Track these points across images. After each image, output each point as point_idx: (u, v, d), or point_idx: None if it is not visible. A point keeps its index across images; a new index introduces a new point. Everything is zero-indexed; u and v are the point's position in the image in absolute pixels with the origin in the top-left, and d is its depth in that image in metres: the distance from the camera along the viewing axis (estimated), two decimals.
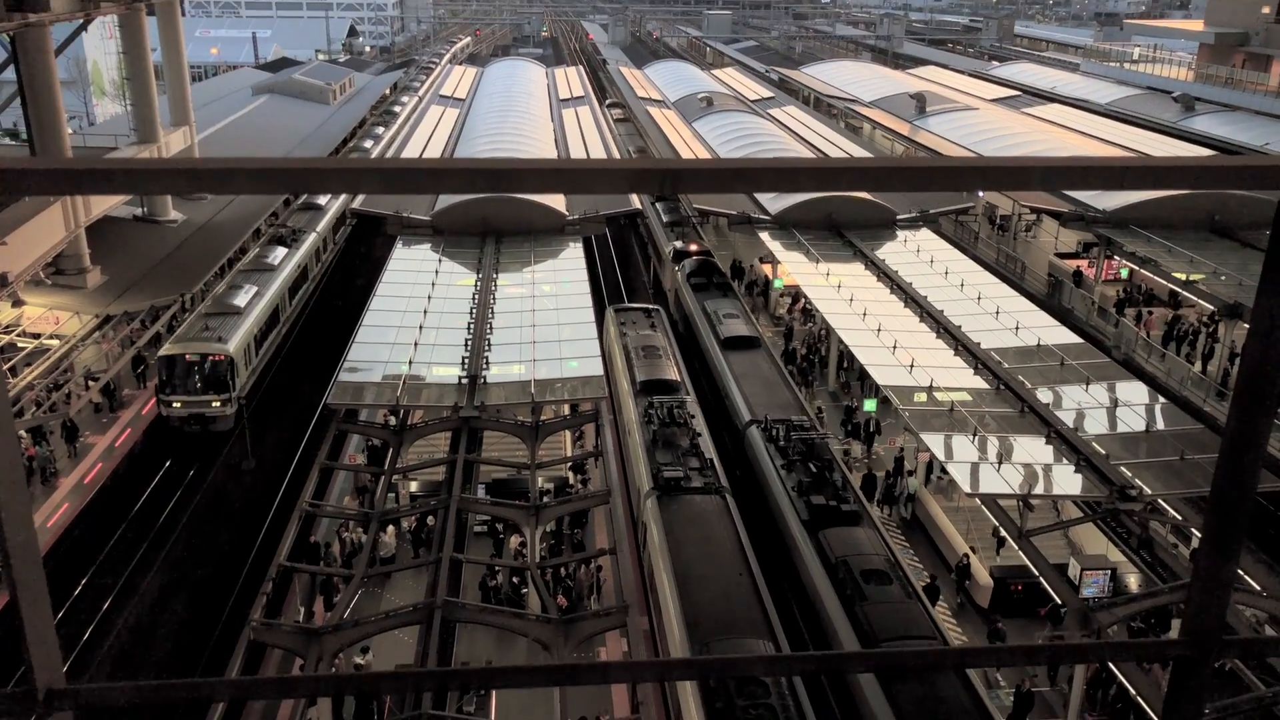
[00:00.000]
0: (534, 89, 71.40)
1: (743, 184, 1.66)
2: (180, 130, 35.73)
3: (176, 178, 1.53)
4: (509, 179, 1.66)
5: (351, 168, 1.60)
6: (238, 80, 68.64)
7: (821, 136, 54.56)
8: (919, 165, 1.66)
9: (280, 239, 38.88)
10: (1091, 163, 1.65)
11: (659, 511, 20.36)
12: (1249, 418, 2.18)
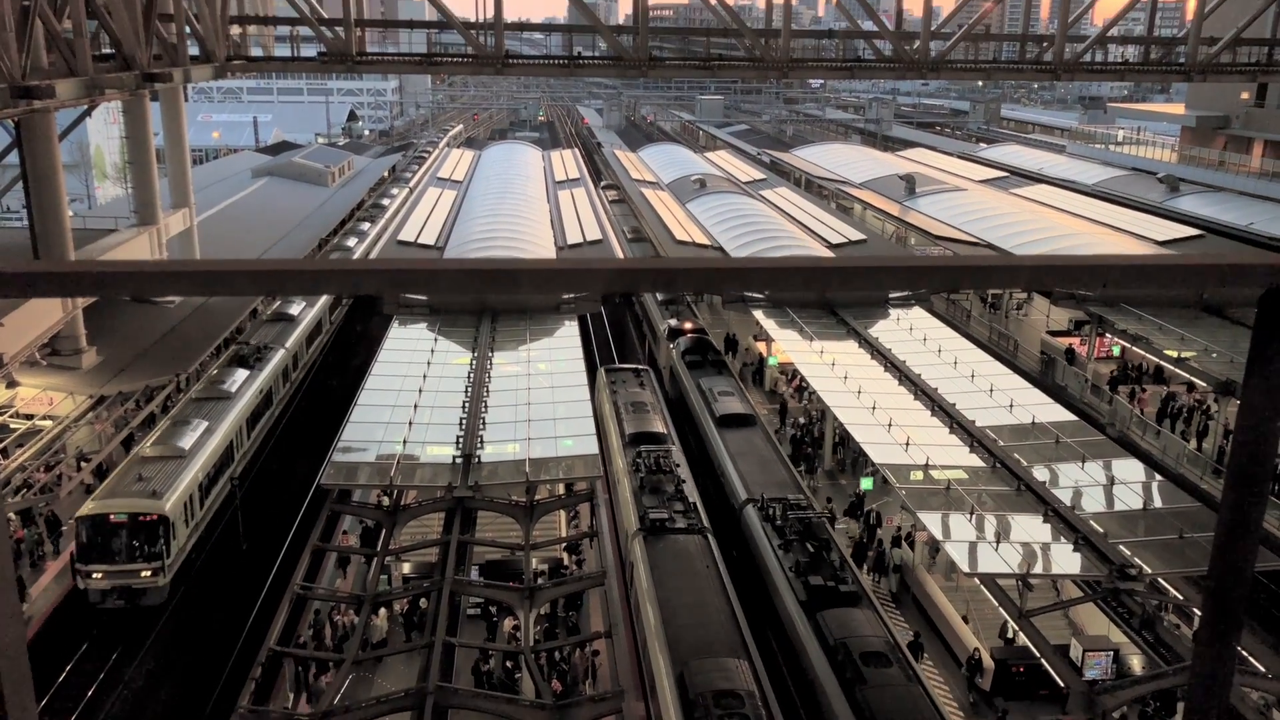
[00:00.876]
0: (530, 171, 72.54)
1: (735, 283, 1.70)
2: (180, 212, 36.16)
3: (179, 280, 1.56)
4: (506, 280, 1.69)
5: (351, 269, 1.63)
6: (238, 163, 69.72)
7: (813, 217, 55.29)
8: (908, 264, 1.70)
9: (242, 358, 34.37)
10: (1078, 261, 1.69)
11: (645, 550, 21.96)
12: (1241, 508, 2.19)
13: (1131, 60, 43.31)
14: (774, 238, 47.57)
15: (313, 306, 41.03)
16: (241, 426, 31.05)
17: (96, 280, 1.53)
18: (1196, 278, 1.68)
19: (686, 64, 40.49)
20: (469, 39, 35.23)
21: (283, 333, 38.02)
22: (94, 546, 24.10)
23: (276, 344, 36.56)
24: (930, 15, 36.66)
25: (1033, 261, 1.76)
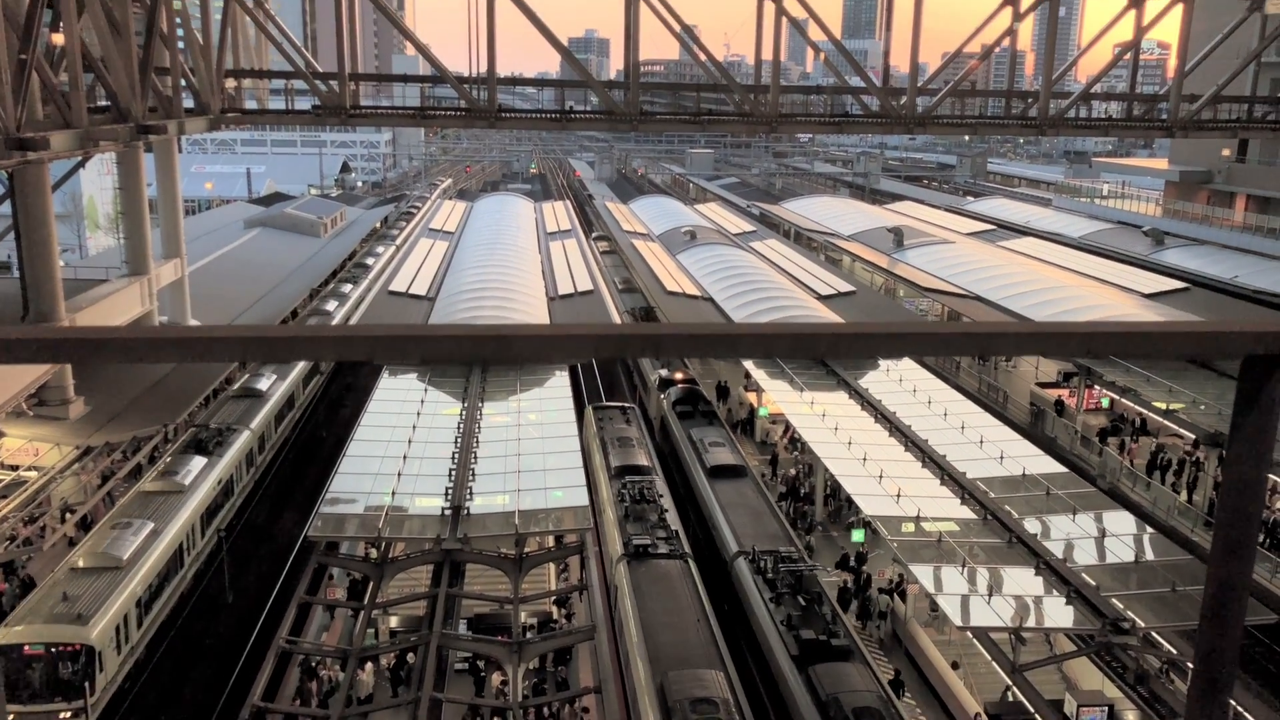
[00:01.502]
0: (522, 222, 73.02)
1: (723, 349, 1.71)
2: (171, 263, 36.22)
3: (165, 347, 1.57)
4: (497, 346, 1.71)
5: (339, 335, 1.64)
6: (230, 214, 70.03)
7: (803, 269, 55.69)
8: (894, 331, 1.72)
9: (199, 444, 30.62)
10: (1063, 329, 1.72)
11: (629, 573, 23.27)
12: (1227, 570, 2.20)
13: (1115, 116, 44.06)
14: (764, 289, 47.85)
15: (284, 379, 37.84)
16: (195, 525, 27.50)
17: (79, 347, 1.54)
18: (1180, 344, 1.71)
19: (677, 118, 41.02)
20: (462, 93, 35.67)
21: (249, 411, 34.51)
22: (6, 682, 20.54)
23: (241, 425, 33.16)
24: (916, 71, 37.29)
25: (1017, 329, 1.78)
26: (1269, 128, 41.90)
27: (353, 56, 35.62)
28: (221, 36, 34.22)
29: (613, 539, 25.54)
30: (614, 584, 23.77)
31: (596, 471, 30.04)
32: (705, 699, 18.13)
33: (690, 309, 45.66)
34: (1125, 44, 39.25)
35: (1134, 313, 40.68)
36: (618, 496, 27.14)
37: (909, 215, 76.08)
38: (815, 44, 39.70)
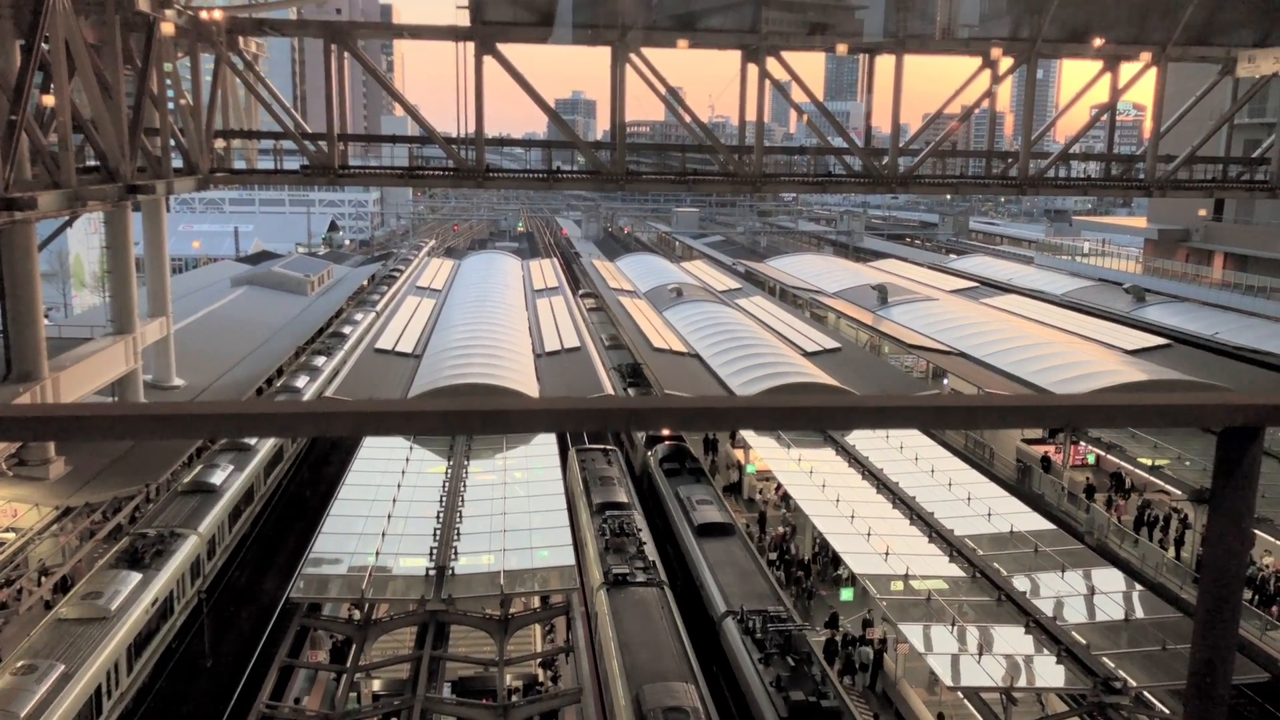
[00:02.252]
0: (509, 280, 73.31)
1: (704, 423, 1.72)
2: (157, 321, 36.14)
3: (147, 424, 1.56)
4: (478, 421, 1.71)
5: (323, 411, 1.64)
6: (217, 272, 70.11)
7: (788, 325, 55.98)
8: (878, 404, 1.73)
9: (134, 556, 26.24)
10: (1044, 402, 1.73)
11: (608, 600, 24.67)
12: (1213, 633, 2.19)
13: (1094, 176, 44.81)
14: (750, 346, 48.02)
15: (242, 470, 34.04)
16: (120, 660, 23.14)
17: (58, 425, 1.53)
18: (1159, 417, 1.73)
19: (663, 178, 41.45)
20: (450, 153, 36.04)
21: (199, 510, 30.41)
22: None
23: (188, 528, 29.02)
24: (898, 132, 37.92)
25: (999, 402, 1.79)
26: (1243, 187, 42.66)
27: (341, 117, 35.98)
28: (212, 98, 34.58)
29: (593, 569, 26.90)
30: (594, 610, 25.16)
31: (579, 509, 31.25)
32: (676, 708, 19.58)
33: (677, 365, 45.75)
34: (1101, 106, 40.07)
35: (1117, 369, 40.96)
36: (599, 530, 28.64)
37: (893, 273, 76.79)
38: (798, 106, 40.38)
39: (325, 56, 34.54)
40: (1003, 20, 37.56)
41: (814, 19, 36.86)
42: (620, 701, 20.80)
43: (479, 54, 33.54)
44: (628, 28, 34.01)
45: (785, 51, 35.53)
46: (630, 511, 30.27)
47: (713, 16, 36.34)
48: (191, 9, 34.13)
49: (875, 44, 36.24)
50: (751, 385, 40.50)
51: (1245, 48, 37.29)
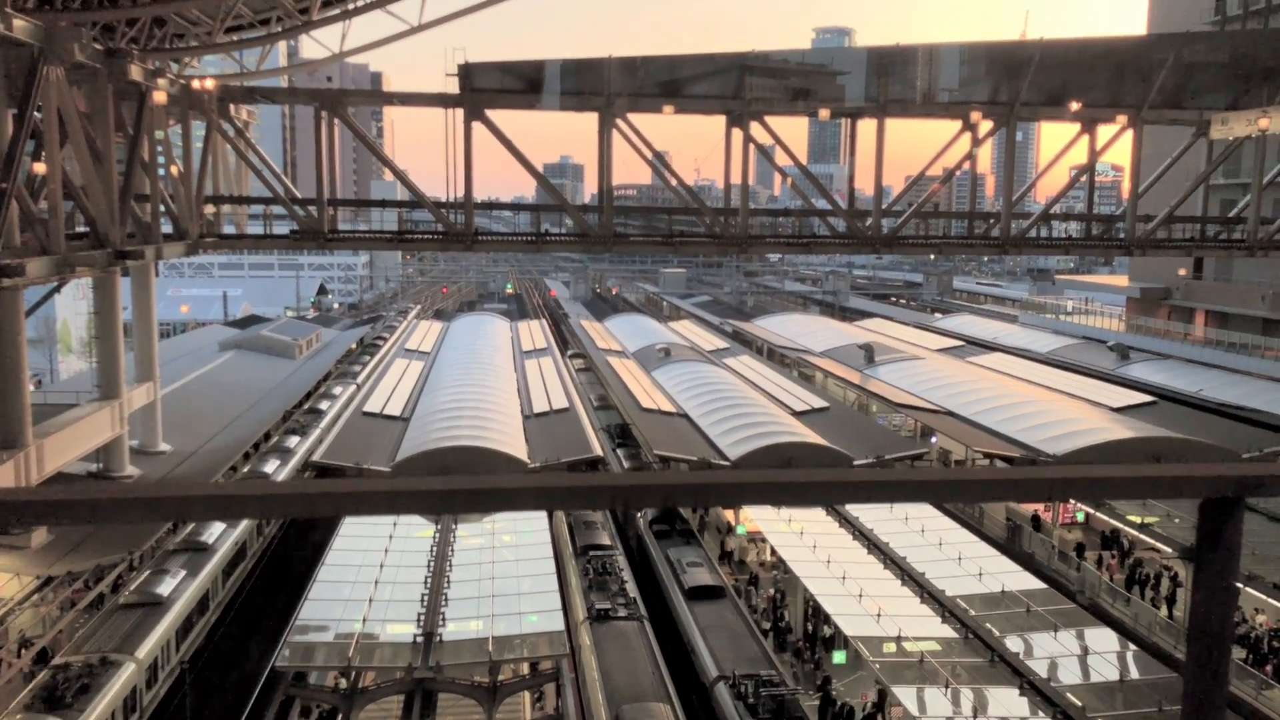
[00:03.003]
0: (498, 341, 73.43)
1: (689, 499, 1.73)
2: (144, 386, 35.97)
3: (135, 507, 1.56)
4: (462, 500, 1.71)
5: (307, 492, 1.65)
6: (205, 336, 70.00)
7: (776, 385, 56.09)
8: (859, 479, 1.74)
9: (52, 696, 21.79)
10: (1028, 475, 1.76)
11: (591, 631, 25.94)
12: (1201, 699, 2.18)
13: (1075, 236, 45.41)
14: (738, 405, 48.05)
15: (196, 575, 29.64)
16: None
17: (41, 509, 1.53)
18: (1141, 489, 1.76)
19: (650, 240, 41.79)
20: (440, 217, 36.32)
21: (139, 629, 25.82)
22: None
23: (123, 653, 24.41)
24: (881, 194, 38.44)
25: (982, 475, 1.81)
26: (1221, 246, 43.29)
27: (331, 182, 36.30)
28: (202, 164, 34.85)
29: (577, 606, 28.01)
30: (578, 643, 25.96)
31: (565, 554, 32.16)
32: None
33: (666, 426, 45.69)
34: (1080, 167, 40.78)
35: (1105, 426, 41.11)
36: (583, 570, 29.93)
37: (879, 332, 77.26)
38: (782, 169, 40.94)
39: (316, 123, 34.94)
40: (982, 85, 38.33)
41: (796, 85, 37.55)
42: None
43: (468, 120, 34.01)
44: (614, 94, 34.57)
45: (769, 116, 36.11)
46: (613, 553, 31.56)
47: (698, 83, 36.99)
48: (184, 78, 34.59)
49: (857, 108, 36.89)
50: (741, 445, 40.44)
51: (1218, 110, 38.12)
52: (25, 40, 24.15)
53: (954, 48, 39.24)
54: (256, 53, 42.18)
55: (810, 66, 41.23)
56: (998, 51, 38.92)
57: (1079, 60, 38.53)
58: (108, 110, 28.76)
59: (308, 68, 59.08)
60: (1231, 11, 61.37)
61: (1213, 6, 62.61)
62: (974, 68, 38.68)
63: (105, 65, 28.17)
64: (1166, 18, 65.72)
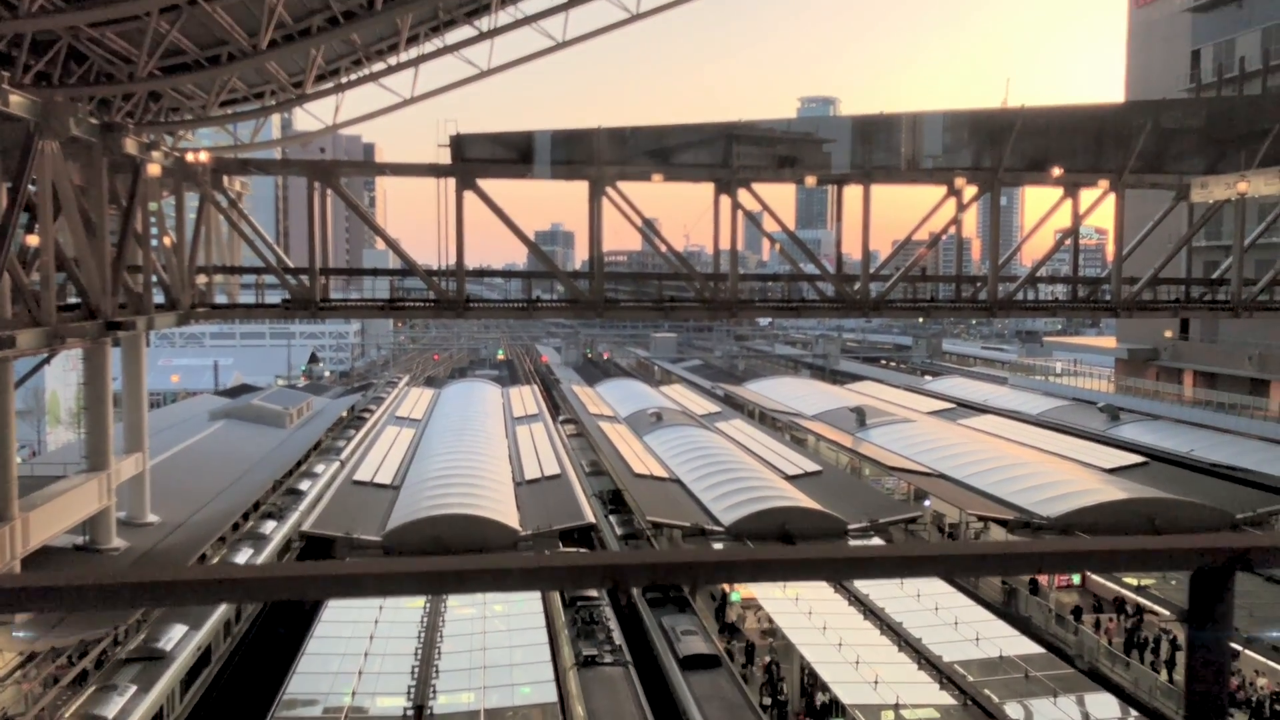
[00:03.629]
0: (489, 408, 73.29)
1: (681, 577, 1.73)
2: (133, 457, 35.72)
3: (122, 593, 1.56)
4: (452, 580, 1.71)
5: (295, 575, 1.64)
6: (196, 406, 69.75)
7: (769, 449, 56.00)
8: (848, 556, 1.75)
9: None
10: (1015, 549, 1.76)
11: (578, 677, 26.66)
12: None
13: (1061, 298, 45.83)
14: (731, 470, 47.90)
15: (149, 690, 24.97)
16: None
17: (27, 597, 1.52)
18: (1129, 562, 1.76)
19: (640, 305, 42.03)
20: (431, 284, 36.50)
21: None
22: None
23: None
24: (868, 259, 38.84)
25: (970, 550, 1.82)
26: (1205, 307, 43.71)
27: (324, 251, 36.52)
28: (195, 235, 35.08)
29: (565, 652, 28.67)
30: (566, 690, 26.34)
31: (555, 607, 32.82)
32: None
33: (658, 491, 45.46)
34: (1065, 230, 41.33)
35: (1097, 487, 41.05)
36: (570, 620, 30.67)
37: (870, 395, 77.40)
38: (770, 235, 41.39)
39: (309, 194, 35.29)
40: (965, 151, 39.01)
41: (783, 153, 38.17)
42: None
43: (460, 190, 34.38)
44: (604, 164, 35.06)
45: (756, 183, 36.61)
46: (600, 604, 32.27)
47: (686, 152, 37.56)
48: (178, 150, 34.99)
49: (843, 175, 37.43)
50: (734, 510, 40.22)
51: (1197, 175, 38.80)
52: (22, 115, 24.46)
53: (937, 115, 39.99)
54: (251, 124, 42.79)
55: (796, 135, 41.97)
56: (980, 119, 39.70)
57: (1060, 127, 39.32)
58: (102, 183, 29.05)
59: (301, 139, 59.88)
60: (1206, 79, 62.88)
61: (1188, 74, 64.18)
62: (957, 134, 39.41)
63: (101, 139, 28.52)
64: (1143, 85, 67.29)
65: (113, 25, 28.71)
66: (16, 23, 25.28)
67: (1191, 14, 64.96)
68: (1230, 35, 62.35)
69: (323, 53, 35.46)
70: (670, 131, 37.74)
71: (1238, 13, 62.08)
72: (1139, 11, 70.34)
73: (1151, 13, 68.75)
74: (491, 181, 35.51)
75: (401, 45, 36.55)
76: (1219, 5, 63.37)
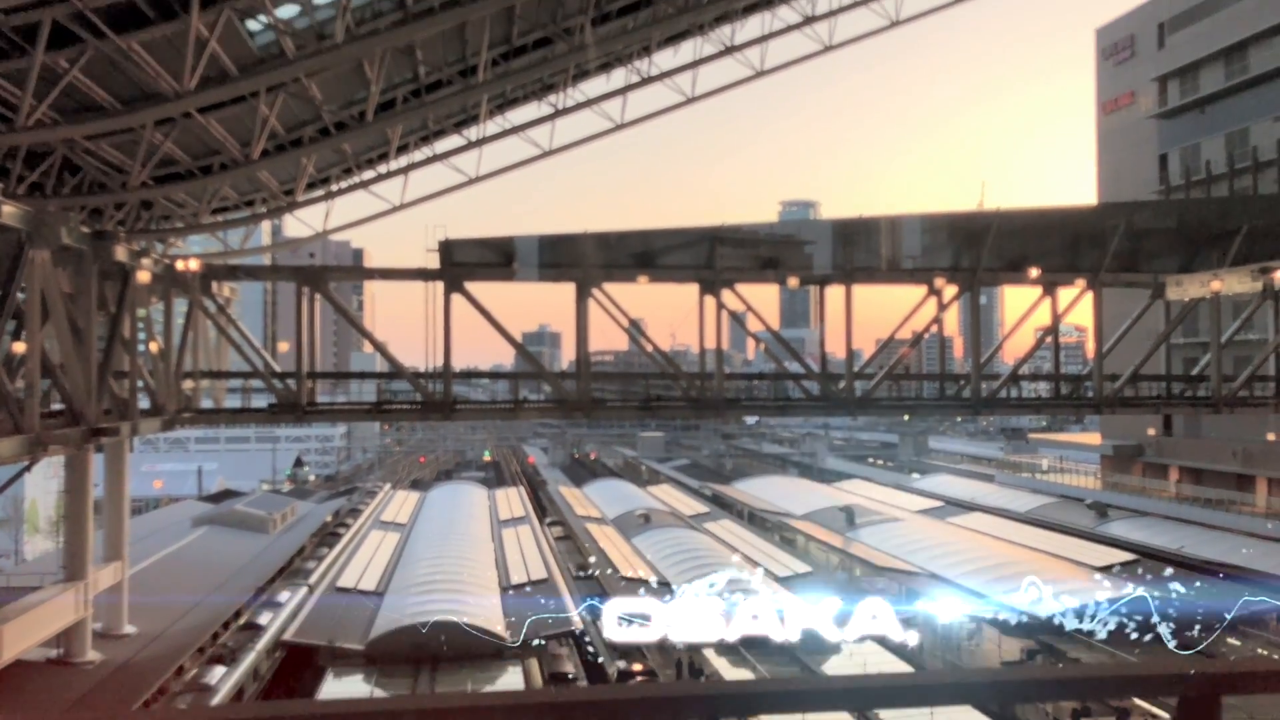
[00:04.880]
0: (475, 511, 72.58)
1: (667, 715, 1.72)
2: (112, 566, 35.01)
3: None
4: None
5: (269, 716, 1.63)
6: (178, 512, 68.81)
7: (758, 550, 55.47)
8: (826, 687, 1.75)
9: None
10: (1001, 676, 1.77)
11: None
12: None
13: (1044, 395, 46.17)
14: (720, 571, 47.26)
15: None
16: None
17: None
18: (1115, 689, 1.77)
19: (627, 405, 42.10)
20: (418, 387, 36.55)
21: None
22: None
23: None
24: (852, 358, 39.18)
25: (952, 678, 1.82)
26: (1187, 403, 44.07)
27: (311, 356, 36.62)
28: (183, 340, 35.15)
29: None
30: None
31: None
32: None
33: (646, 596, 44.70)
34: (1045, 328, 41.85)
35: (1087, 587, 40.68)
36: None
37: (858, 494, 77.09)
38: (755, 334, 41.78)
39: (297, 299, 35.55)
40: (944, 252, 39.74)
41: (766, 254, 38.84)
42: None
43: (448, 293, 34.72)
44: (590, 266, 35.56)
45: (740, 284, 37.13)
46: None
47: (671, 254, 38.14)
48: (168, 258, 35.34)
49: (824, 276, 38.01)
50: None
51: (1172, 273, 39.59)
52: (14, 226, 24.76)
53: (915, 218, 40.86)
54: (241, 231, 43.33)
55: (778, 237, 42.80)
56: (957, 221, 40.59)
57: (1035, 228, 40.22)
58: (91, 290, 29.22)
59: (291, 245, 60.63)
60: (1174, 181, 64.76)
61: (1157, 176, 66.10)
62: (935, 236, 40.21)
63: (91, 247, 28.82)
64: (1115, 187, 69.25)
65: (107, 137, 29.30)
66: (13, 136, 25.78)
67: (1157, 120, 67.27)
68: (1195, 140, 64.51)
69: (314, 161, 36.18)
70: (655, 235, 38.39)
71: (1201, 119, 64.36)
72: (1107, 118, 72.82)
73: (1119, 119, 71.20)
74: (479, 284, 35.93)
75: (391, 154, 37.37)
76: (1183, 112, 65.71)
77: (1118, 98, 71.45)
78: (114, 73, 25.47)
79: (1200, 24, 64.49)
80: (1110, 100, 72.32)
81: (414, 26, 27.77)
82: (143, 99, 26.60)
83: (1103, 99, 73.30)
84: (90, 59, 23.99)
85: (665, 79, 37.61)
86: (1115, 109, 71.70)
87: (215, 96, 26.77)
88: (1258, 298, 38.92)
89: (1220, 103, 62.77)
